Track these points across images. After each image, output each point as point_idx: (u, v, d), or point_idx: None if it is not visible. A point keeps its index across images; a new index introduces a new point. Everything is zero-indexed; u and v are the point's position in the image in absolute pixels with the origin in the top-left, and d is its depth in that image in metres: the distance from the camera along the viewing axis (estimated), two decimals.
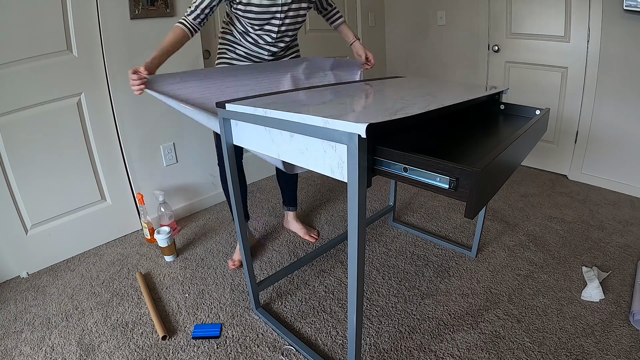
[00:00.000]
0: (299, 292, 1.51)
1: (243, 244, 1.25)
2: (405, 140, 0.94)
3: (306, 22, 2.66)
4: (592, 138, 2.39)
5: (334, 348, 1.23)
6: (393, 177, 0.77)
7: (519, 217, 2.05)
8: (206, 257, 1.76)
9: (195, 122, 2.11)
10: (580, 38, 2.27)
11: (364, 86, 1.35)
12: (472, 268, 1.62)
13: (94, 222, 1.86)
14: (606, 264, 1.61)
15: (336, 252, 1.76)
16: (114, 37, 1.72)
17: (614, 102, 2.24)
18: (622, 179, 2.31)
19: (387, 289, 1.50)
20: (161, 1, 1.81)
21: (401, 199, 2.33)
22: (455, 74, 2.98)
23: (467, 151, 0.89)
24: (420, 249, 1.78)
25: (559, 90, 2.48)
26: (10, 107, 1.51)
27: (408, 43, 3.23)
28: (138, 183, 1.96)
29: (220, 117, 1.08)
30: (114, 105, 1.80)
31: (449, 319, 1.34)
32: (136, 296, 1.50)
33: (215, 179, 2.32)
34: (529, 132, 0.95)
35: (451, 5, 2.83)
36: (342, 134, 0.74)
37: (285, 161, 0.99)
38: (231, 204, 1.20)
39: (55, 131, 1.65)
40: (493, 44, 2.69)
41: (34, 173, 1.63)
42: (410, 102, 0.98)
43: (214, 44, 2.19)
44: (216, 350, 1.23)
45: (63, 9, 1.57)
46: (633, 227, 1.91)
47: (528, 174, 2.66)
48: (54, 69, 1.59)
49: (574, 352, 1.17)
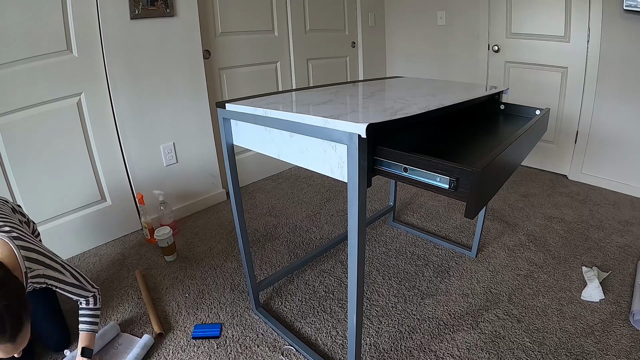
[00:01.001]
0: (299, 292, 1.50)
1: (243, 244, 1.25)
2: (405, 140, 0.94)
3: (306, 22, 2.66)
4: (592, 138, 2.39)
5: (334, 348, 1.23)
6: (393, 177, 0.77)
7: (519, 217, 2.05)
8: (206, 257, 1.76)
9: (195, 122, 2.12)
10: (580, 38, 2.27)
11: (364, 86, 1.35)
12: (472, 268, 1.62)
13: (94, 222, 1.86)
14: (606, 264, 1.61)
15: (336, 252, 1.76)
16: (114, 37, 1.72)
17: (614, 102, 2.24)
18: (622, 179, 2.31)
19: (387, 289, 1.50)
20: (161, 1, 1.81)
21: (401, 199, 2.33)
22: (455, 74, 2.98)
23: (467, 151, 0.89)
24: (420, 249, 1.78)
25: (559, 90, 2.48)
26: (10, 107, 1.51)
27: (408, 43, 3.23)
28: (138, 183, 1.96)
29: (221, 117, 1.08)
30: (114, 105, 1.80)
31: (449, 319, 1.34)
32: (136, 296, 1.50)
33: (215, 178, 2.32)
34: (529, 132, 0.95)
35: (451, 5, 2.83)
36: (342, 134, 0.74)
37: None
38: (231, 204, 1.20)
39: (55, 131, 1.65)
40: (493, 44, 2.69)
41: (34, 173, 1.62)
42: (410, 102, 0.98)
43: (214, 44, 2.19)
44: (216, 350, 1.23)
45: (63, 9, 1.57)
46: (633, 227, 1.91)
47: (528, 174, 2.66)
48: (54, 69, 1.59)
49: (574, 352, 1.17)
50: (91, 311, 1.14)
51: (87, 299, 1.13)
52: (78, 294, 1.10)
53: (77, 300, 1.12)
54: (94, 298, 1.15)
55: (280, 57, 2.59)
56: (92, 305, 1.15)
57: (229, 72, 2.32)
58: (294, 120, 0.85)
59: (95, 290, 1.16)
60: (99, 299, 1.17)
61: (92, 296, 1.14)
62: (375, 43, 3.30)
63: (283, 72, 2.64)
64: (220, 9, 2.17)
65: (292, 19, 2.56)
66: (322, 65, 2.88)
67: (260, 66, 2.49)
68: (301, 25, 2.64)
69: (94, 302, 1.15)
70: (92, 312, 1.15)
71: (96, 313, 1.16)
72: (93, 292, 1.14)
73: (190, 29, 1.98)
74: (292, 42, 2.61)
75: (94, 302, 1.15)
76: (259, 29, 2.42)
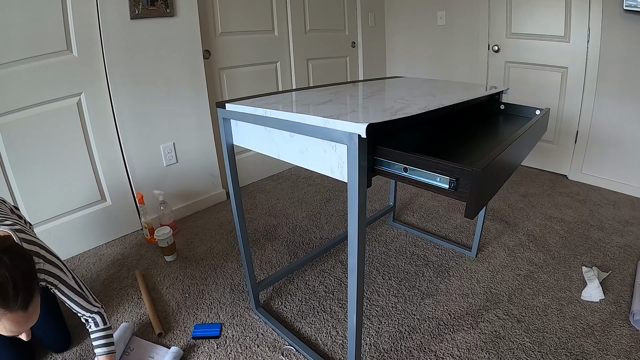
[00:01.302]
0: (299, 292, 1.50)
1: (243, 244, 1.25)
2: (406, 140, 0.94)
3: (306, 22, 2.66)
4: (592, 138, 2.39)
5: (334, 348, 1.23)
6: (393, 177, 0.77)
7: (519, 217, 2.05)
8: (206, 257, 1.76)
9: (195, 122, 2.12)
10: (580, 38, 2.27)
11: (364, 86, 1.35)
12: (472, 268, 1.62)
13: (94, 222, 1.86)
14: (606, 264, 1.61)
15: (336, 252, 1.76)
16: (114, 37, 1.72)
17: (614, 102, 2.24)
18: (622, 179, 2.31)
19: (387, 289, 1.50)
20: (161, 1, 1.81)
21: (401, 199, 2.33)
22: (455, 74, 2.98)
23: (467, 151, 0.89)
24: (420, 249, 1.78)
25: (559, 90, 2.48)
26: (10, 107, 1.51)
27: (408, 43, 3.23)
28: (138, 183, 1.96)
29: (221, 117, 1.08)
30: (114, 105, 1.80)
31: (449, 319, 1.34)
32: (136, 296, 1.50)
33: (215, 178, 2.32)
34: (529, 132, 0.95)
35: (451, 5, 2.83)
36: (342, 134, 0.74)
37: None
38: (231, 204, 1.20)
39: (55, 131, 1.65)
40: (493, 44, 2.69)
41: (34, 173, 1.62)
42: (410, 102, 0.98)
43: (214, 44, 2.19)
44: (216, 350, 1.23)
45: (63, 9, 1.57)
46: (633, 227, 1.91)
47: (528, 174, 2.66)
48: (54, 69, 1.59)
49: (574, 352, 1.17)
50: (103, 332, 1.08)
51: (92, 316, 1.06)
52: (81, 305, 1.02)
53: (82, 315, 1.05)
54: (100, 316, 1.08)
55: (280, 57, 2.59)
56: (102, 326, 1.08)
57: (229, 72, 2.32)
58: (294, 120, 0.85)
59: (100, 305, 1.09)
60: (107, 318, 1.10)
61: (97, 313, 1.07)
62: (375, 43, 3.30)
63: (283, 72, 2.64)
64: (220, 9, 2.17)
65: (292, 19, 2.56)
66: (322, 65, 2.88)
67: (260, 66, 2.49)
68: (301, 25, 2.64)
69: (103, 322, 1.08)
70: (105, 333, 1.08)
71: (109, 333, 1.09)
72: (97, 307, 1.07)
73: (190, 29, 1.98)
74: (292, 42, 2.61)
75: (103, 322, 1.08)
76: (259, 29, 2.42)
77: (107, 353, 1.07)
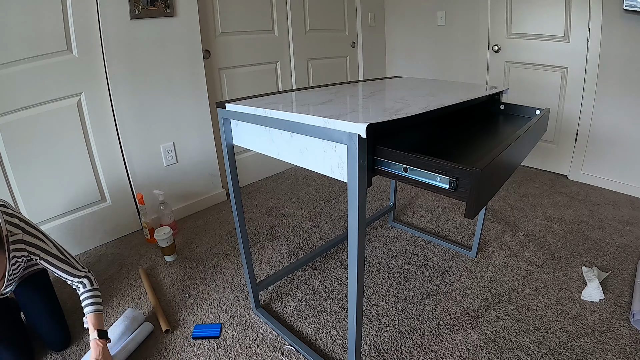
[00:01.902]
0: (299, 292, 1.50)
1: (243, 244, 1.25)
2: (406, 140, 0.94)
3: (306, 22, 2.66)
4: (592, 138, 2.39)
5: (334, 348, 1.23)
6: (393, 177, 0.77)
7: (519, 217, 2.05)
8: (206, 257, 1.76)
9: (195, 122, 2.12)
10: (580, 38, 2.27)
11: (364, 86, 1.35)
12: (472, 268, 1.62)
13: (94, 222, 1.86)
14: (606, 264, 1.61)
15: (336, 252, 1.76)
16: (114, 37, 1.72)
17: (614, 102, 2.24)
18: (622, 179, 2.31)
19: (387, 289, 1.50)
20: (161, 1, 1.81)
21: (401, 199, 2.33)
22: (455, 74, 2.98)
23: (467, 151, 0.89)
24: (420, 249, 1.78)
25: (559, 90, 2.48)
26: (10, 107, 1.51)
27: (408, 43, 3.23)
28: (138, 183, 1.96)
29: (221, 117, 1.08)
30: (114, 105, 1.80)
31: (449, 319, 1.34)
32: (136, 296, 1.50)
33: (215, 178, 2.32)
34: (529, 132, 0.95)
35: (451, 5, 2.83)
36: (342, 134, 0.74)
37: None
38: (231, 204, 1.20)
39: (55, 131, 1.65)
40: (493, 44, 2.69)
41: (34, 173, 1.62)
42: (410, 102, 0.98)
43: (214, 44, 2.19)
44: (216, 350, 1.23)
45: (63, 9, 1.57)
46: (633, 227, 1.91)
47: (528, 174, 2.66)
48: (54, 69, 1.59)
49: (574, 352, 1.17)
50: (91, 292, 1.13)
51: (81, 280, 1.12)
52: (67, 271, 1.08)
53: (71, 282, 1.11)
54: (88, 279, 1.14)
55: (280, 57, 2.59)
56: (90, 287, 1.14)
57: (229, 72, 2.32)
58: (294, 120, 0.85)
59: (87, 270, 1.15)
60: (95, 280, 1.16)
61: (85, 277, 1.13)
62: (375, 43, 3.30)
63: (283, 72, 2.64)
64: (220, 9, 2.17)
65: (292, 19, 2.56)
66: (322, 65, 2.89)
67: (260, 66, 2.49)
68: (301, 25, 2.64)
69: (90, 284, 1.14)
70: (92, 293, 1.14)
71: (96, 293, 1.15)
72: (84, 271, 1.13)
73: (190, 29, 1.98)
74: (292, 42, 2.61)
75: (90, 284, 1.14)
76: (259, 29, 2.42)
77: (94, 311, 1.11)
